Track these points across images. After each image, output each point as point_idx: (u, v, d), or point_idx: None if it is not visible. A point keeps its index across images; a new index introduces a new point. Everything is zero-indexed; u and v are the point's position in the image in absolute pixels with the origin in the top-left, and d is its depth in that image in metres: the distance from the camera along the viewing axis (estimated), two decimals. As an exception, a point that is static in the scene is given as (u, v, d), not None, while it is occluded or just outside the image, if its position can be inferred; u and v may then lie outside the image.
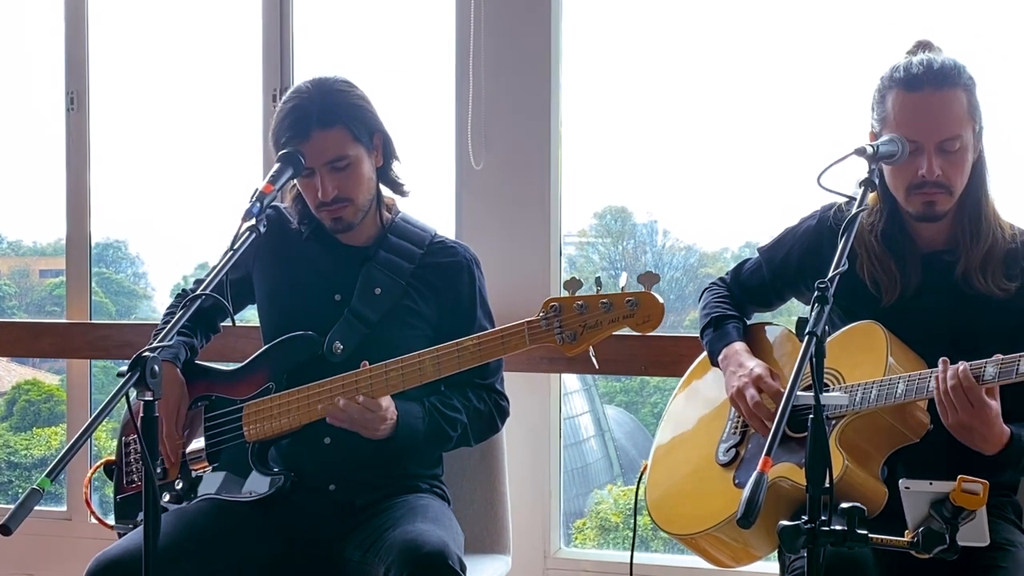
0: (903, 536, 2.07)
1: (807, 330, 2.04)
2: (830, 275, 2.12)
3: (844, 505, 1.98)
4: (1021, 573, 2.32)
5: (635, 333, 2.41)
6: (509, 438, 2.99)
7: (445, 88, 3.47)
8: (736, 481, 2.53)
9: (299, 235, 2.77)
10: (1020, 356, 2.26)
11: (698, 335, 2.78)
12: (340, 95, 2.64)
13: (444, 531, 2.48)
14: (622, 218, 5.19)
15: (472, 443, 2.75)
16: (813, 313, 2.06)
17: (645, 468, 2.73)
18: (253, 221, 2.42)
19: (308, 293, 2.72)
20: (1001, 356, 2.28)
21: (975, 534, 2.05)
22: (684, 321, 3.89)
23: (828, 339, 2.60)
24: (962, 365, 2.29)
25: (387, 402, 2.54)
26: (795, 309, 3.07)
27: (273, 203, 2.64)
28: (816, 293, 2.07)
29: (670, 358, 3.04)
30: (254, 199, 2.44)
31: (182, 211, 4.13)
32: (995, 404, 2.29)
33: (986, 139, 2.52)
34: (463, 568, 2.41)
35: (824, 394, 2.05)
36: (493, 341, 2.46)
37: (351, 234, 2.72)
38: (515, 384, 3.14)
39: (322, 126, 2.59)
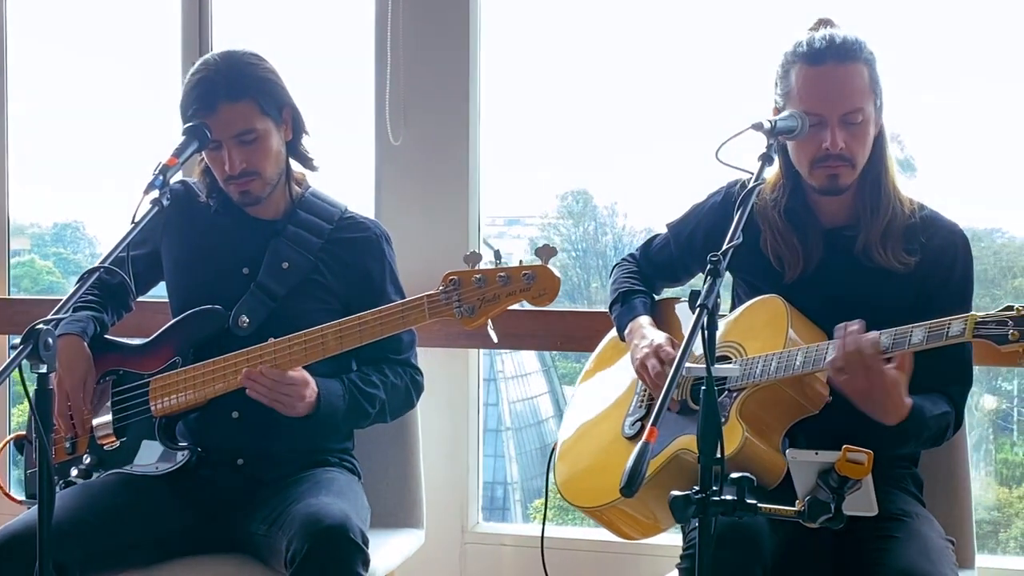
0: (795, 506, 2.10)
1: (698, 302, 2.06)
2: (723, 248, 2.14)
3: (734, 475, 2.00)
4: (915, 542, 2.34)
5: (556, 309, 2.43)
6: (427, 413, 3.00)
7: (366, 63, 3.46)
8: None
9: (207, 209, 2.77)
10: (913, 326, 2.28)
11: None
12: (248, 68, 2.64)
13: (347, 504, 2.49)
14: (584, 200, 5.23)
15: (388, 419, 2.77)
16: (705, 286, 2.08)
17: (556, 446, 2.75)
18: (156, 194, 2.42)
19: (215, 267, 2.73)
20: (896, 328, 2.30)
21: (862, 504, 2.06)
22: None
23: (733, 313, 2.67)
24: (869, 334, 2.30)
25: (302, 378, 2.55)
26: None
27: (183, 178, 2.64)
28: (708, 266, 2.10)
29: (585, 333, 3.05)
30: (157, 172, 2.44)
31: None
32: (894, 373, 2.30)
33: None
34: (365, 541, 2.42)
35: (716, 366, 2.09)
36: (394, 315, 2.47)
37: (260, 208, 2.72)
38: (434, 359, 3.17)
39: (229, 99, 2.59)
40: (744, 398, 2.44)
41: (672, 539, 2.76)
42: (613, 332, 2.79)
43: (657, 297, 2.81)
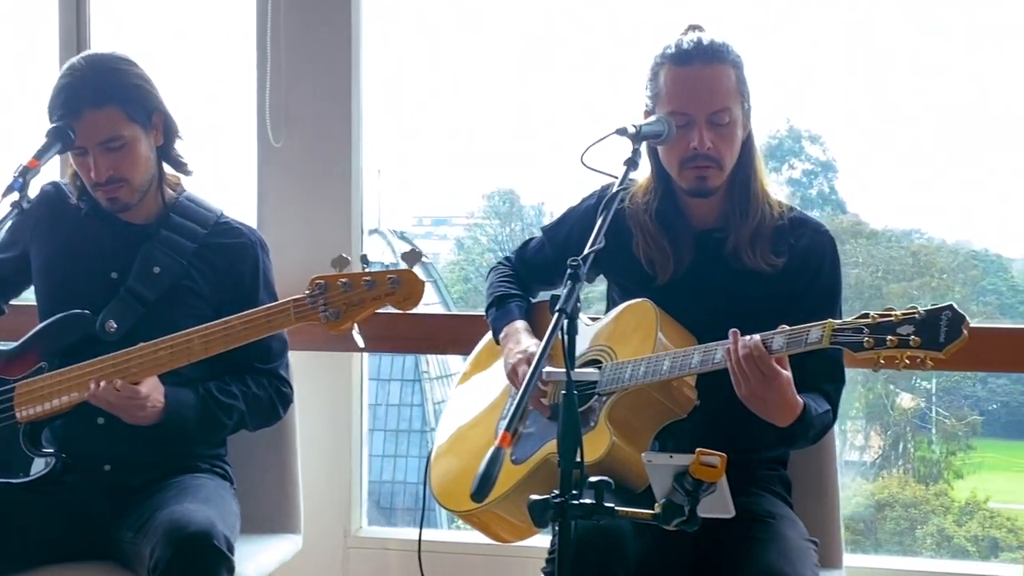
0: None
1: (556, 307, 2.07)
2: (584, 253, 2.15)
3: (593, 479, 2.01)
4: (776, 544, 2.36)
5: (441, 312, 2.42)
6: (308, 417, 2.99)
7: (248, 63, 3.43)
8: (513, 458, 2.55)
9: (77, 211, 2.73)
10: (809, 327, 2.29)
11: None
12: (115, 74, 2.60)
13: (213, 511, 2.47)
14: (510, 200, 5.25)
15: (251, 429, 2.75)
16: (564, 290, 2.09)
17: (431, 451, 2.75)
18: (16, 197, 2.39)
19: (83, 271, 2.69)
20: (787, 327, 2.31)
21: (718, 506, 2.07)
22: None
23: (605, 317, 2.67)
24: (754, 336, 2.31)
25: (149, 388, 2.52)
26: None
27: (55, 180, 2.60)
28: (568, 271, 2.11)
29: (467, 337, 3.05)
30: (17, 174, 2.41)
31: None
32: (786, 373, 2.31)
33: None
34: (230, 548, 2.41)
35: (576, 370, 2.10)
36: (259, 319, 2.46)
37: (131, 212, 2.69)
38: (315, 363, 3.15)
39: (94, 105, 2.55)
40: (613, 403, 2.45)
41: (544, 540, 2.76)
42: (489, 336, 2.78)
43: (533, 300, 2.81)
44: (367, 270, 2.39)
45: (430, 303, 4.72)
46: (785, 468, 2.62)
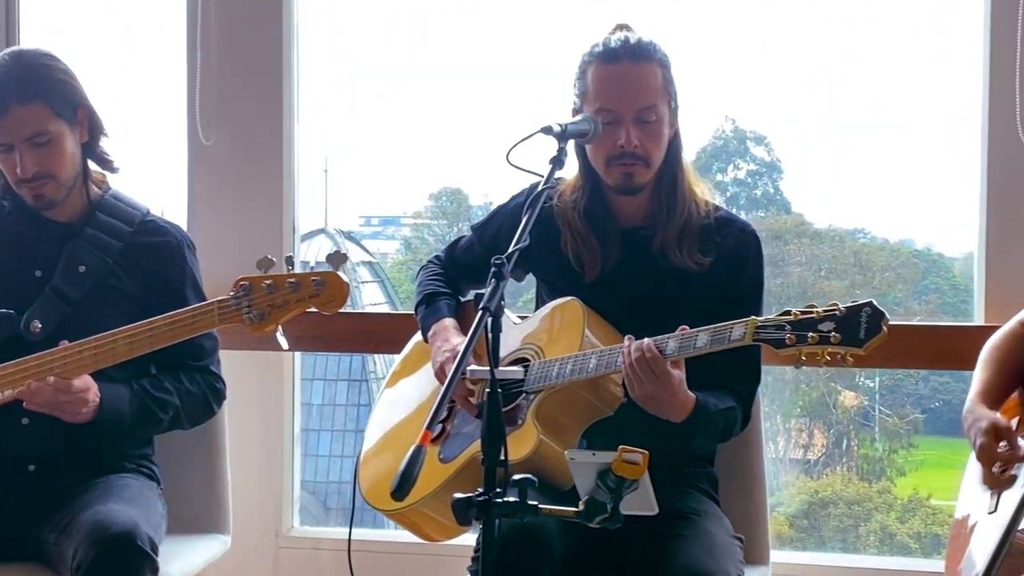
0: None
1: (480, 305, 2.07)
2: (508, 252, 2.15)
3: (516, 477, 2.01)
4: (701, 540, 2.38)
5: (369, 311, 2.42)
6: (240, 417, 2.97)
7: (178, 59, 3.42)
8: (441, 457, 2.55)
9: (1, 209, 2.70)
10: (698, 331, 2.33)
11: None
12: (41, 69, 2.58)
13: (137, 511, 2.45)
14: (458, 200, 5.23)
15: (186, 426, 2.73)
16: (488, 289, 2.09)
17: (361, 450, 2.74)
18: (-66, 194, 2.36)
19: (7, 269, 2.66)
20: (682, 333, 2.34)
21: (641, 503, 2.08)
22: (517, 303, 3.94)
23: (534, 316, 2.68)
24: (647, 340, 2.35)
25: (84, 384, 2.50)
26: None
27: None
28: (492, 269, 2.11)
29: (401, 336, 3.04)
30: (-65, 172, 2.39)
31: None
32: (678, 374, 2.35)
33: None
34: (154, 549, 2.39)
35: (500, 368, 2.10)
36: (184, 320, 2.45)
37: (56, 210, 2.67)
38: (247, 363, 3.13)
39: (20, 101, 2.54)
40: (540, 401, 2.46)
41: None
42: (419, 335, 2.78)
43: (463, 299, 2.81)
44: (292, 271, 2.38)
45: (377, 303, 4.71)
46: (712, 465, 2.65)
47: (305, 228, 4.44)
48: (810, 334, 2.20)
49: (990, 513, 2.41)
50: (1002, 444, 2.31)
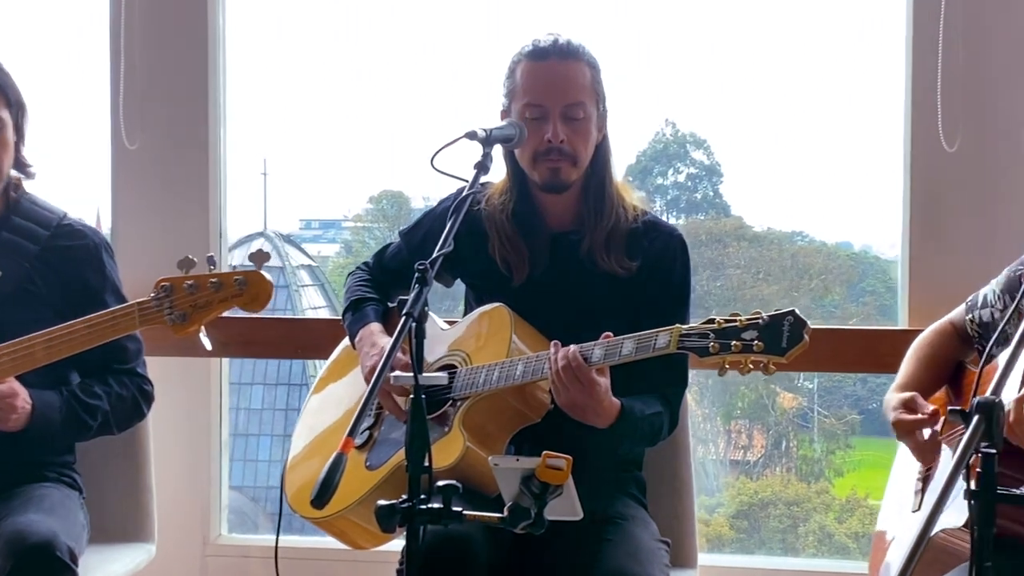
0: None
1: (404, 311, 2.06)
2: (432, 257, 2.14)
3: (440, 483, 1.99)
4: (627, 544, 2.39)
5: (293, 316, 2.39)
6: (165, 423, 2.94)
7: (103, 62, 3.38)
8: (367, 464, 2.53)
9: None
10: (624, 339, 2.33)
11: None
12: None
13: (57, 521, 2.42)
14: (398, 203, 5.21)
15: (116, 431, 2.69)
16: (412, 294, 2.08)
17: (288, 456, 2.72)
18: None
19: (-79, 274, 2.61)
20: (608, 340, 2.34)
21: (566, 508, 2.07)
22: (459, 306, 3.93)
23: (462, 322, 2.67)
24: (572, 347, 2.35)
25: (10, 389, 2.45)
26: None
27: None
28: (416, 274, 2.09)
29: (326, 341, 3.01)
30: None
31: None
32: (604, 381, 2.36)
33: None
34: (74, 559, 2.36)
35: (424, 374, 2.08)
36: (104, 323, 2.41)
37: (-26, 214, 2.63)
38: (172, 369, 3.10)
39: None
40: (467, 407, 2.45)
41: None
42: (346, 341, 2.76)
43: (391, 304, 2.79)
44: (214, 271, 2.35)
45: (317, 306, 4.68)
46: (640, 469, 2.65)
47: (243, 231, 4.41)
48: (733, 342, 2.21)
49: (914, 511, 2.44)
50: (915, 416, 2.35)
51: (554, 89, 2.50)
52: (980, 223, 3.02)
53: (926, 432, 2.35)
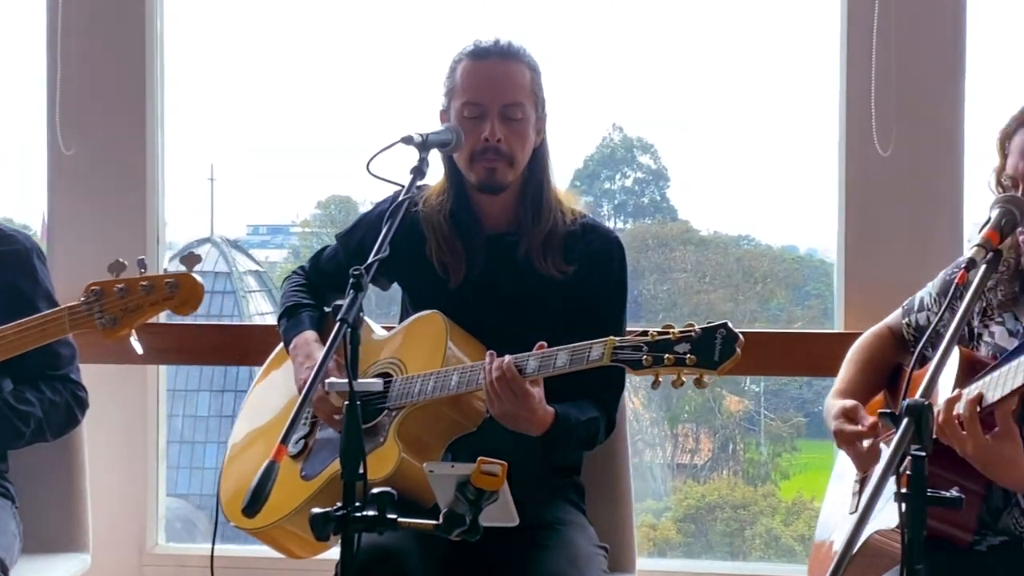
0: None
1: (338, 317, 2.04)
2: (367, 262, 2.13)
3: (375, 490, 1.99)
4: (564, 550, 2.39)
5: (221, 323, 2.36)
6: (102, 431, 2.91)
7: (38, 68, 3.34)
8: (303, 474, 2.52)
9: None
10: (558, 350, 2.32)
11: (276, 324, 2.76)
12: None
13: (-14, 532, 2.38)
14: (347, 208, 5.18)
15: (49, 437, 2.66)
16: (347, 300, 2.06)
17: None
18: None
19: None
20: (542, 352, 2.33)
21: (501, 515, 2.07)
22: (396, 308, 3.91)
23: (397, 329, 2.64)
24: (507, 358, 2.34)
25: None
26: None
27: None
28: (351, 280, 2.08)
29: (262, 347, 2.98)
30: None
31: None
32: (538, 391, 2.35)
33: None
34: (4, 569, 2.33)
35: (360, 380, 2.07)
36: (33, 328, 2.38)
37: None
38: (109, 376, 3.06)
39: None
40: (402, 418, 2.44)
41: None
42: (281, 345, 2.74)
43: (327, 309, 2.77)
44: (144, 275, 2.33)
45: (264, 312, 4.64)
46: (578, 474, 2.64)
47: (190, 237, 4.38)
48: (666, 356, 2.20)
49: (851, 513, 2.46)
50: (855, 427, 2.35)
51: (493, 88, 2.50)
52: (915, 227, 3.05)
53: (866, 443, 2.35)
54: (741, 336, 2.18)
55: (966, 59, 3.08)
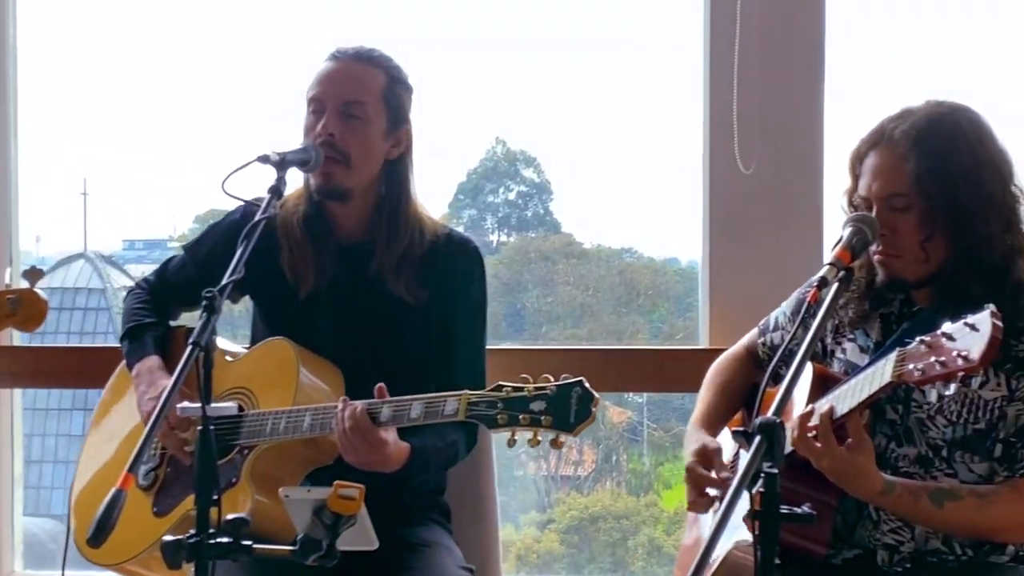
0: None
1: (191, 340, 1.99)
2: (221, 284, 2.07)
3: (229, 517, 1.95)
4: (431, 572, 2.37)
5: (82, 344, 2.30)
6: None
7: None
8: (155, 510, 2.46)
9: None
10: (413, 400, 2.27)
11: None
12: None
13: None
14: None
15: None
16: (200, 322, 2.01)
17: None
18: None
19: None
20: (398, 400, 2.28)
21: (360, 539, 2.04)
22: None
23: (244, 354, 2.57)
24: (360, 405, 2.28)
25: None
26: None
27: None
28: (204, 302, 2.03)
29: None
30: None
31: None
32: (391, 436, 2.31)
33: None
34: None
35: (214, 405, 2.02)
36: None
37: None
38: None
39: None
40: (255, 456, 2.38)
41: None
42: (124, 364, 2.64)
43: (174, 323, 2.70)
44: None
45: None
46: (442, 494, 2.62)
47: (63, 252, 4.26)
48: (521, 416, 2.15)
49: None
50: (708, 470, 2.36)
51: (335, 85, 2.48)
52: (777, 244, 3.10)
53: (712, 491, 2.35)
54: (597, 395, 2.14)
55: (825, 81, 3.14)
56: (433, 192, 4.03)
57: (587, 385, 2.14)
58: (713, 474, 2.34)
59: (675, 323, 4.65)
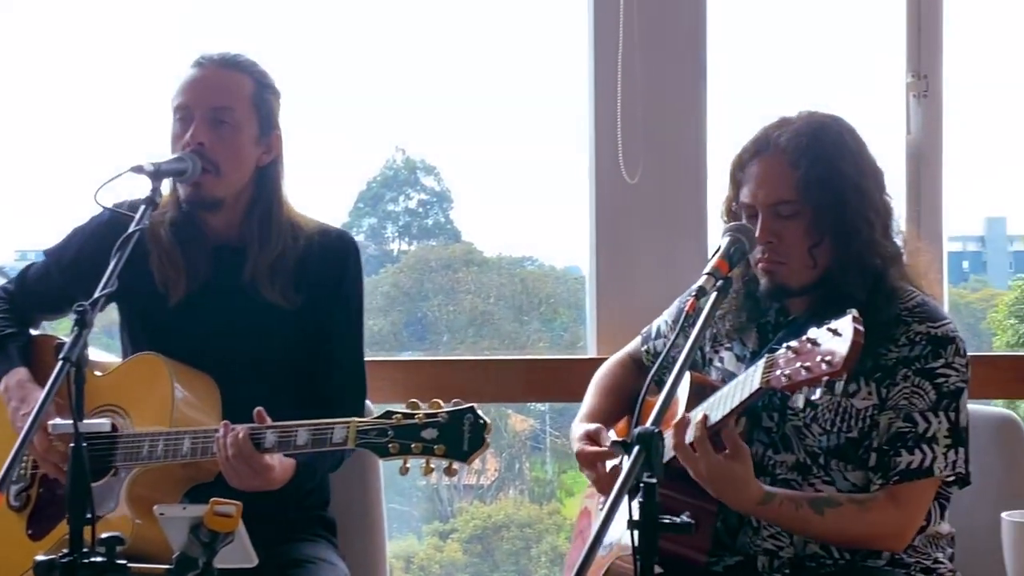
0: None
1: (61, 356, 1.93)
2: (93, 297, 2.01)
3: (103, 535, 1.90)
4: None
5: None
6: None
7: None
8: (30, 532, 2.39)
9: None
10: (299, 427, 2.20)
11: None
12: None
13: None
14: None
15: None
16: (71, 337, 1.96)
17: None
18: None
19: None
20: (283, 425, 2.22)
21: (239, 556, 2.00)
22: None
23: (113, 369, 2.47)
24: (242, 432, 2.21)
25: None
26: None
27: None
28: (75, 316, 1.97)
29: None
30: None
31: None
32: (275, 460, 2.25)
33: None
34: None
35: (86, 421, 1.97)
36: None
37: None
38: None
39: None
40: (132, 479, 2.31)
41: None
42: None
43: (35, 331, 2.61)
44: None
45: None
46: (326, 509, 2.57)
47: (-52, 262, 4.13)
48: (413, 444, 2.10)
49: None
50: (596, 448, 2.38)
51: (203, 90, 2.42)
52: (661, 254, 3.13)
53: (608, 464, 2.38)
54: (489, 422, 2.10)
55: (708, 91, 3.19)
56: (333, 201, 4.02)
57: (479, 412, 2.09)
58: (602, 448, 2.35)
59: (576, 331, 4.66)
